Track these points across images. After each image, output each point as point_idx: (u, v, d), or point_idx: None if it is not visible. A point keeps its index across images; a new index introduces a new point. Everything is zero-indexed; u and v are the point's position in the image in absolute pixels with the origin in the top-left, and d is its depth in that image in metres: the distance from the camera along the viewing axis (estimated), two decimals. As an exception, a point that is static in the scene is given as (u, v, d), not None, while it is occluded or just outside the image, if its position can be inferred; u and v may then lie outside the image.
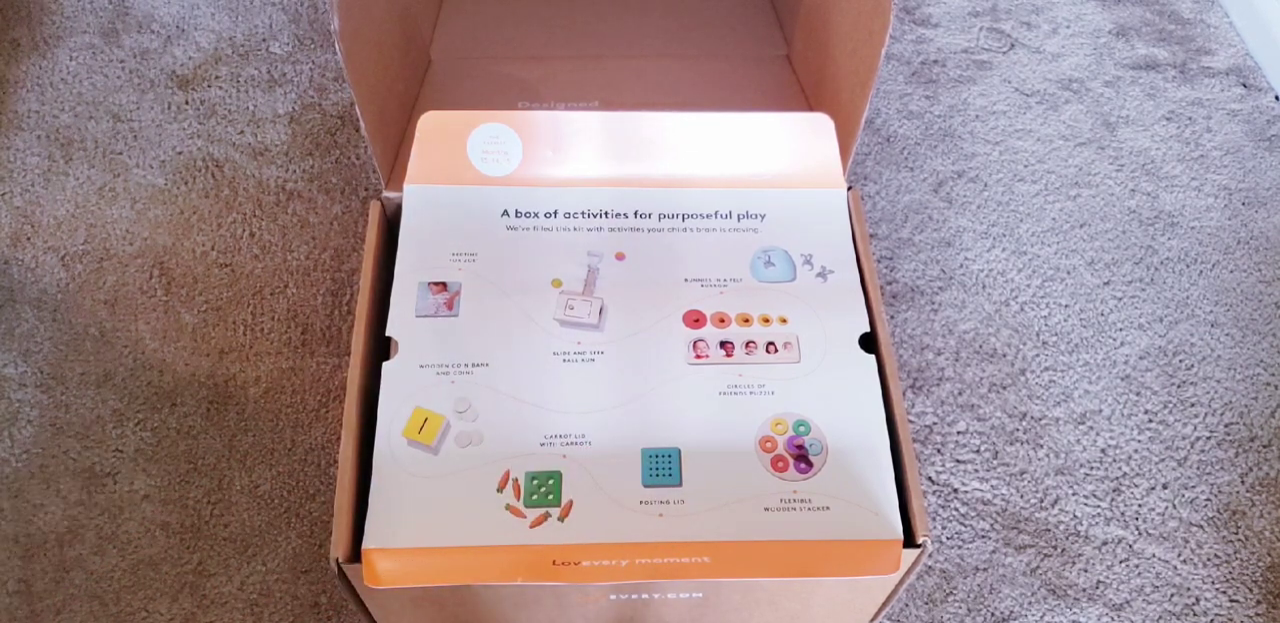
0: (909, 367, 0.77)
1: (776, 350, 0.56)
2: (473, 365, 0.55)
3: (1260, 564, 0.68)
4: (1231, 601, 0.67)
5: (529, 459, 0.53)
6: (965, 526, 0.69)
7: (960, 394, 0.75)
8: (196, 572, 0.66)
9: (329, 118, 0.90)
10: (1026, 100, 0.95)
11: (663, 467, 0.53)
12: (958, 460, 0.72)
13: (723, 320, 0.58)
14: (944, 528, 0.69)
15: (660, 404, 0.55)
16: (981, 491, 0.71)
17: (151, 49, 0.95)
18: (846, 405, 0.55)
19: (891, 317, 0.79)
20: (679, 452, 0.53)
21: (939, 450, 0.73)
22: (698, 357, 0.56)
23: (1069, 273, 0.83)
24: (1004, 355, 0.78)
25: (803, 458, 0.53)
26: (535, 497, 0.51)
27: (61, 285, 0.79)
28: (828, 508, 0.51)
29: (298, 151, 0.88)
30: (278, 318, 0.78)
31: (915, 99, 0.95)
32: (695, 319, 0.58)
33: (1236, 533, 0.70)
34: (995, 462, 0.72)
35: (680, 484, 0.52)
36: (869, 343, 0.57)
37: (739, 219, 0.62)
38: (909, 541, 0.51)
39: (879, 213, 0.86)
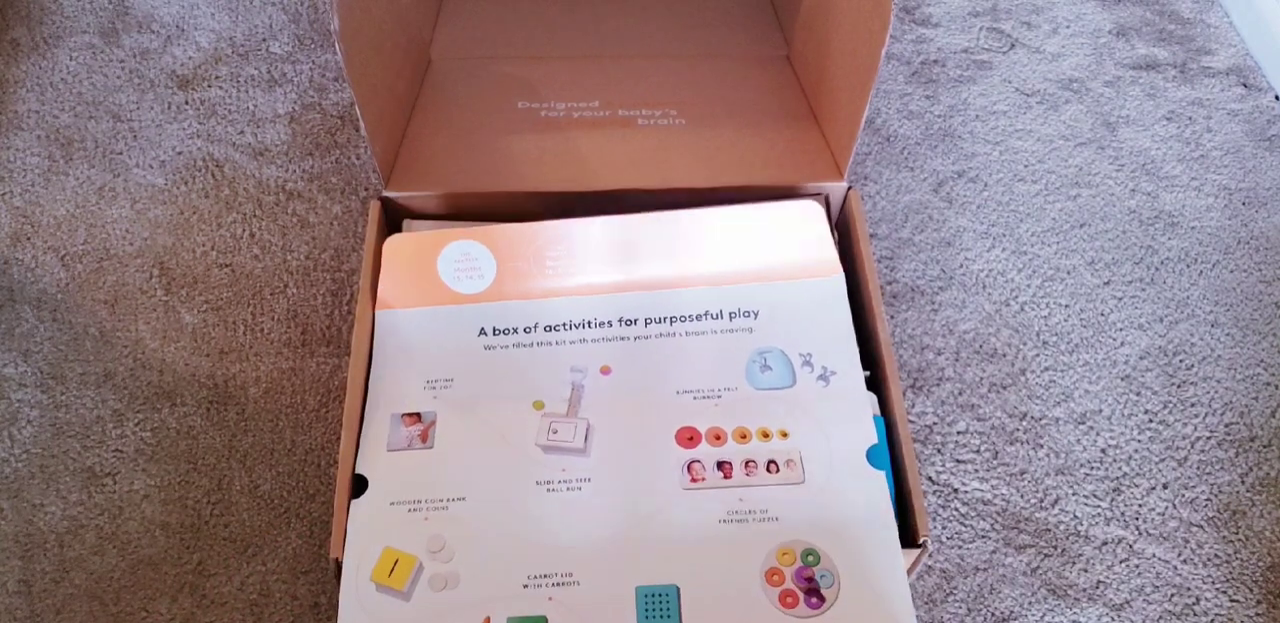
0: (909, 367, 0.77)
1: (778, 470, 0.52)
2: (449, 500, 0.51)
3: (1260, 564, 0.68)
4: (1232, 601, 0.67)
5: (511, 603, 0.48)
6: (965, 526, 0.69)
7: (960, 394, 0.75)
8: (196, 572, 0.66)
9: (329, 118, 0.90)
10: (1026, 100, 0.95)
11: (660, 607, 0.48)
12: (958, 460, 0.72)
13: (719, 437, 0.53)
14: (944, 528, 0.69)
15: (655, 536, 0.50)
16: (981, 491, 0.71)
17: (151, 49, 0.95)
18: (857, 530, 0.50)
19: (891, 317, 0.79)
20: (677, 590, 0.49)
21: (939, 450, 0.73)
22: (693, 480, 0.52)
23: (1069, 273, 0.83)
24: (1004, 355, 0.78)
25: (813, 592, 0.49)
26: None
27: (61, 285, 0.79)
28: None
29: (298, 151, 0.88)
30: (278, 318, 0.78)
31: (915, 99, 0.95)
32: (689, 437, 0.53)
33: (1236, 533, 0.70)
34: (995, 462, 0.72)
35: None
36: (878, 456, 0.54)
37: (730, 318, 0.58)
38: (909, 540, 0.51)
39: (879, 213, 0.86)
